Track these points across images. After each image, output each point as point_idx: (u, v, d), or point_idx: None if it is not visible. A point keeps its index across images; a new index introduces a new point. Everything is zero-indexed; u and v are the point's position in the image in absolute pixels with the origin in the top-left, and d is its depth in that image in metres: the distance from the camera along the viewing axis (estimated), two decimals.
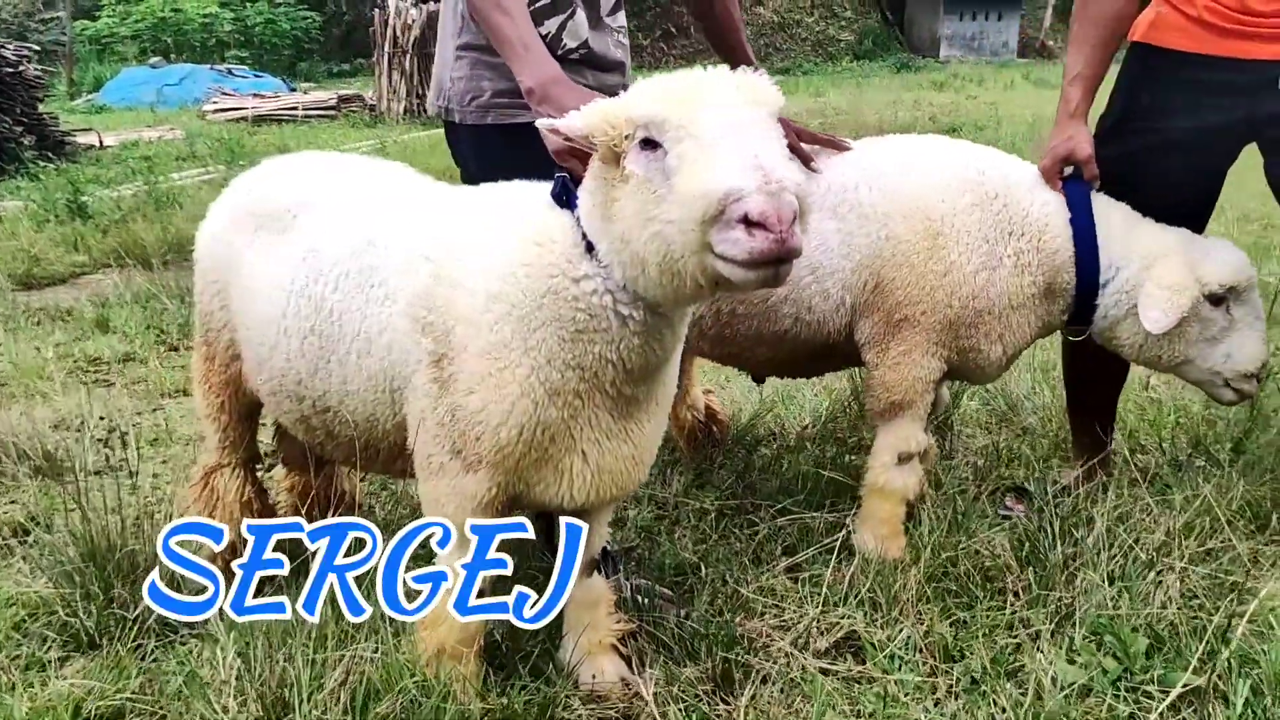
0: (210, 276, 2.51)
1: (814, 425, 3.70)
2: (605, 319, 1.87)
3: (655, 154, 1.66)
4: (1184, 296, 2.58)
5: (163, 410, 4.19)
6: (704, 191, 1.56)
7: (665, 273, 1.68)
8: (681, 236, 1.61)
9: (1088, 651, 2.27)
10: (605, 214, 1.77)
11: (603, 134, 1.72)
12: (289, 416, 2.35)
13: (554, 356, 1.92)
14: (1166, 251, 2.64)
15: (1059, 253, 2.69)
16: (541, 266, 1.90)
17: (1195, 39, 2.61)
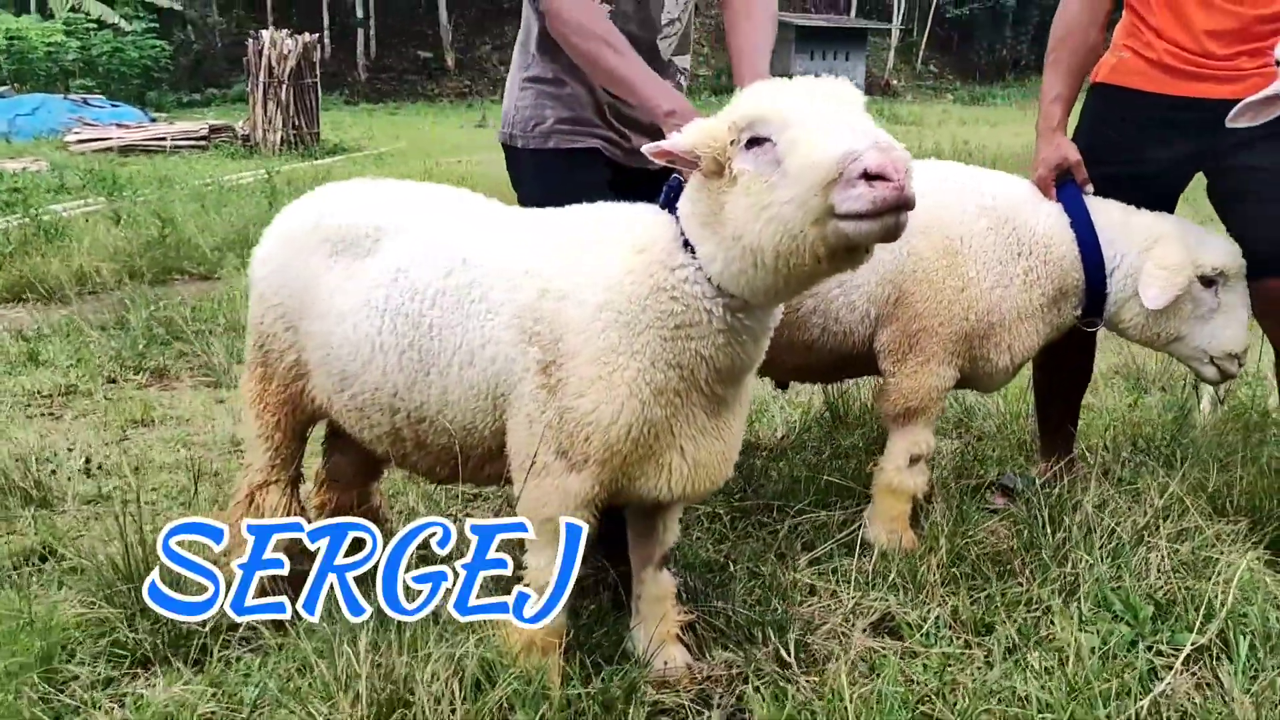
0: (273, 301, 2.56)
1: (790, 436, 3.93)
2: (698, 311, 2.06)
3: (763, 148, 1.87)
4: (1180, 276, 2.87)
5: (128, 440, 4.12)
6: (821, 158, 1.76)
7: (783, 254, 1.86)
8: (800, 210, 1.80)
9: (1101, 620, 2.55)
10: (712, 221, 1.97)
11: (707, 146, 1.93)
12: (376, 430, 2.43)
13: (657, 357, 2.09)
14: (1164, 236, 2.94)
15: (1065, 258, 2.98)
16: (644, 269, 2.09)
17: (1155, 81, 2.98)
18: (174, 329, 5.64)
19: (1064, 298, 3.04)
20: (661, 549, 2.48)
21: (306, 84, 16.51)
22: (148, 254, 7.64)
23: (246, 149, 16.21)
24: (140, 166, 14.02)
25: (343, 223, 2.46)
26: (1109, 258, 2.98)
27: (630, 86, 2.46)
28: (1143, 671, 2.36)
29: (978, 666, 2.43)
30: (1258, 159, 2.88)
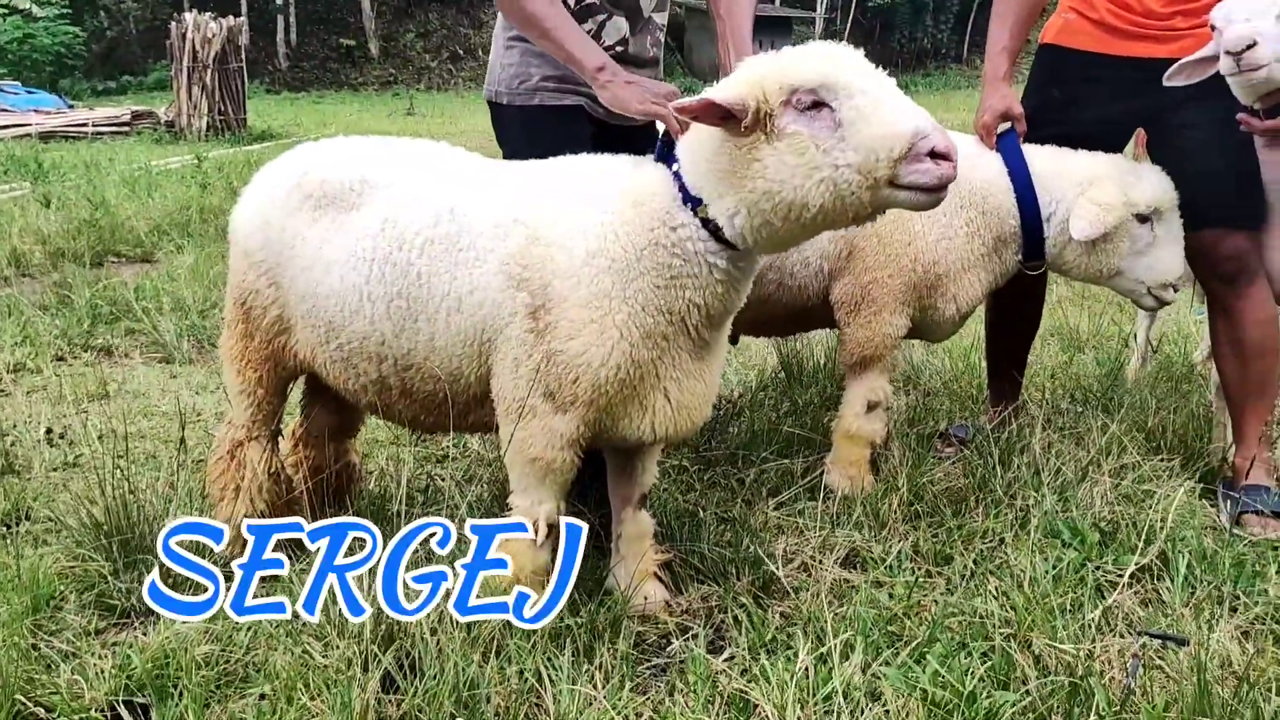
0: (256, 258, 2.59)
1: (747, 394, 4.06)
2: (697, 264, 2.18)
3: (820, 113, 1.99)
4: (1111, 215, 3.00)
5: (87, 413, 4.10)
6: (897, 133, 1.95)
7: (826, 212, 2.02)
8: (861, 175, 1.97)
9: (1051, 548, 2.72)
10: (737, 175, 2.07)
11: (755, 101, 2.01)
12: (362, 379, 2.49)
13: (649, 303, 2.20)
14: (1100, 176, 3.06)
15: (1002, 207, 3.11)
16: (641, 222, 2.19)
17: (1098, 40, 3.15)
18: (120, 308, 5.59)
19: (1004, 245, 3.18)
20: (640, 489, 2.58)
21: (231, 68, 16.22)
22: (81, 237, 7.53)
23: (171, 134, 15.89)
24: (63, 153, 13.67)
25: (327, 178, 2.51)
26: (1046, 203, 3.11)
27: (559, 43, 2.54)
28: (1091, 589, 2.53)
29: (940, 593, 2.58)
30: (1193, 117, 3.06)
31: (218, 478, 2.77)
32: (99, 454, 3.36)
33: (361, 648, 2.13)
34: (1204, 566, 2.62)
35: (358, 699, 2.00)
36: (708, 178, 2.13)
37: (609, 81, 2.47)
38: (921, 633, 2.31)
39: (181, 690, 2.12)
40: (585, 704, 2.03)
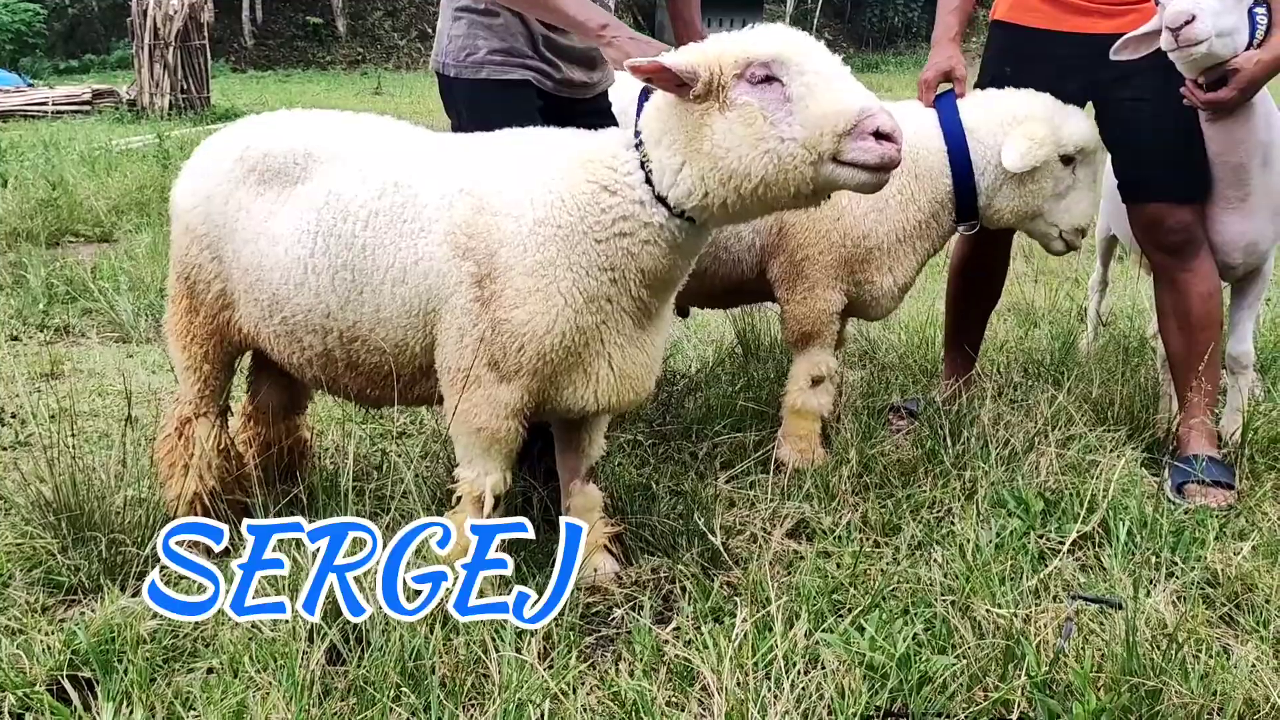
0: (199, 232, 2.58)
1: (704, 370, 4.09)
2: (632, 204, 2.21)
3: (770, 86, 2.05)
4: (1043, 150, 3.02)
5: (40, 393, 4.06)
6: (843, 109, 2.02)
7: (768, 184, 2.07)
8: (805, 149, 2.03)
9: (996, 517, 2.76)
10: (686, 141, 2.11)
11: (709, 71, 2.06)
12: (309, 352, 2.48)
13: (591, 264, 2.23)
14: (1032, 113, 3.08)
15: (934, 168, 3.11)
16: (586, 176, 2.22)
17: (1045, 17, 3.19)
18: (76, 287, 5.54)
19: (941, 208, 3.17)
20: (588, 461, 2.60)
21: (194, 46, 16.00)
22: (38, 217, 7.42)
23: (133, 113, 15.67)
24: (21, 131, 13.47)
25: (270, 150, 2.50)
26: (979, 155, 3.10)
27: (558, 7, 2.53)
28: (1034, 556, 2.57)
29: (886, 562, 2.61)
30: (1137, 90, 3.10)
31: (166, 454, 2.75)
32: (49, 433, 3.35)
33: (306, 621, 2.13)
34: (1144, 534, 2.67)
35: (302, 671, 2.01)
36: (661, 140, 2.17)
37: (614, 38, 2.46)
38: (864, 600, 2.34)
39: (126, 665, 2.12)
40: (529, 673, 2.05)
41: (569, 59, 2.81)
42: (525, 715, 1.93)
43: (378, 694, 1.99)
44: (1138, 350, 4.06)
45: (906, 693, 1.95)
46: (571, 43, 2.78)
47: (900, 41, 45.31)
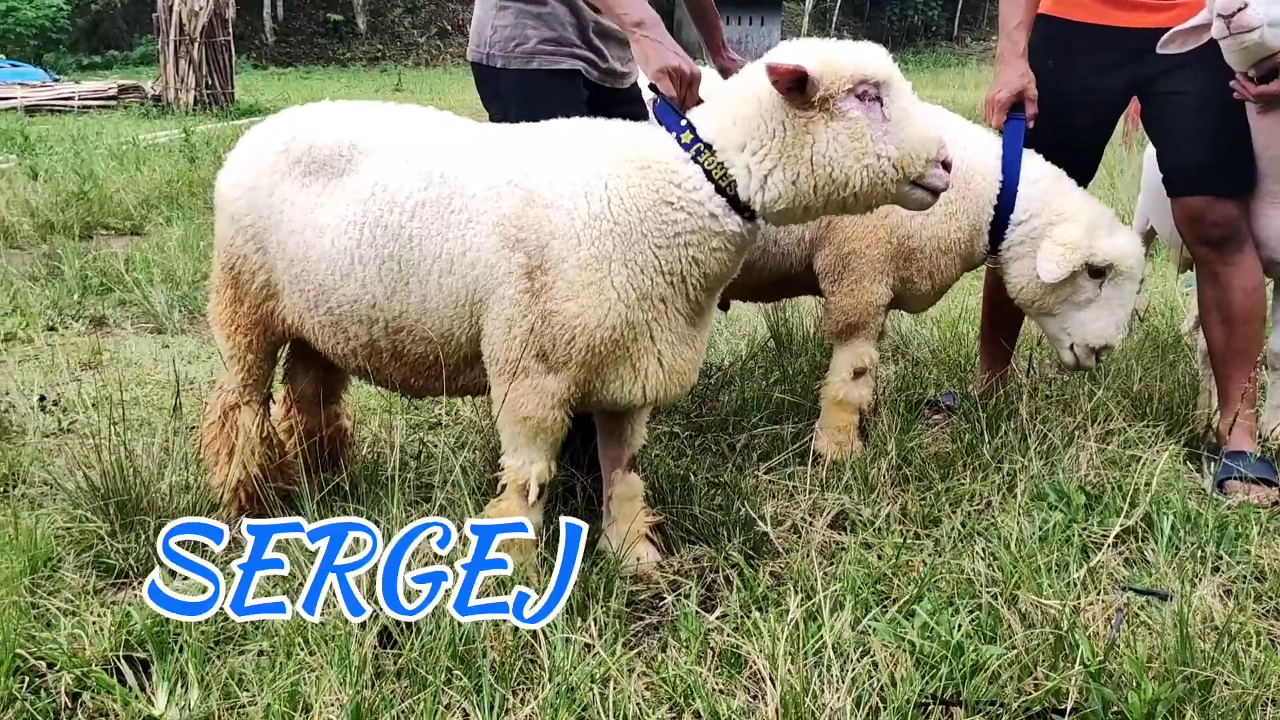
0: (244, 223, 2.59)
1: (737, 364, 4.09)
2: (702, 218, 2.24)
3: (871, 104, 2.20)
4: (1076, 254, 3.03)
5: (80, 381, 4.10)
6: (933, 138, 2.26)
7: (859, 194, 2.24)
8: (897, 170, 2.22)
9: (1038, 510, 2.76)
10: (782, 147, 2.21)
11: (832, 80, 2.16)
12: (354, 342, 2.50)
13: (648, 264, 2.25)
14: (1074, 215, 3.08)
15: (983, 195, 3.14)
16: (648, 183, 2.24)
17: (1093, 11, 3.17)
18: (111, 278, 5.59)
19: (979, 234, 3.20)
20: (630, 451, 2.61)
21: (219, 42, 16.10)
22: (70, 209, 7.50)
23: (159, 109, 15.78)
24: (49, 126, 13.59)
25: (315, 142, 2.50)
26: (1022, 210, 3.13)
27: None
28: (1077, 550, 2.57)
29: (928, 554, 2.61)
30: (1183, 84, 3.09)
31: (211, 441, 2.78)
32: (94, 420, 3.39)
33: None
34: (1187, 528, 2.66)
35: (356, 653, 2.03)
36: (745, 146, 2.24)
37: (643, 37, 2.46)
38: (910, 591, 2.34)
39: (182, 645, 2.14)
40: (579, 658, 2.06)
41: (616, 44, 2.82)
42: (577, 698, 1.94)
43: (431, 676, 2.01)
44: (1173, 346, 4.04)
45: (958, 681, 1.95)
46: (617, 29, 2.78)
47: (919, 40, 45.16)
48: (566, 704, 1.94)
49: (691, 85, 2.39)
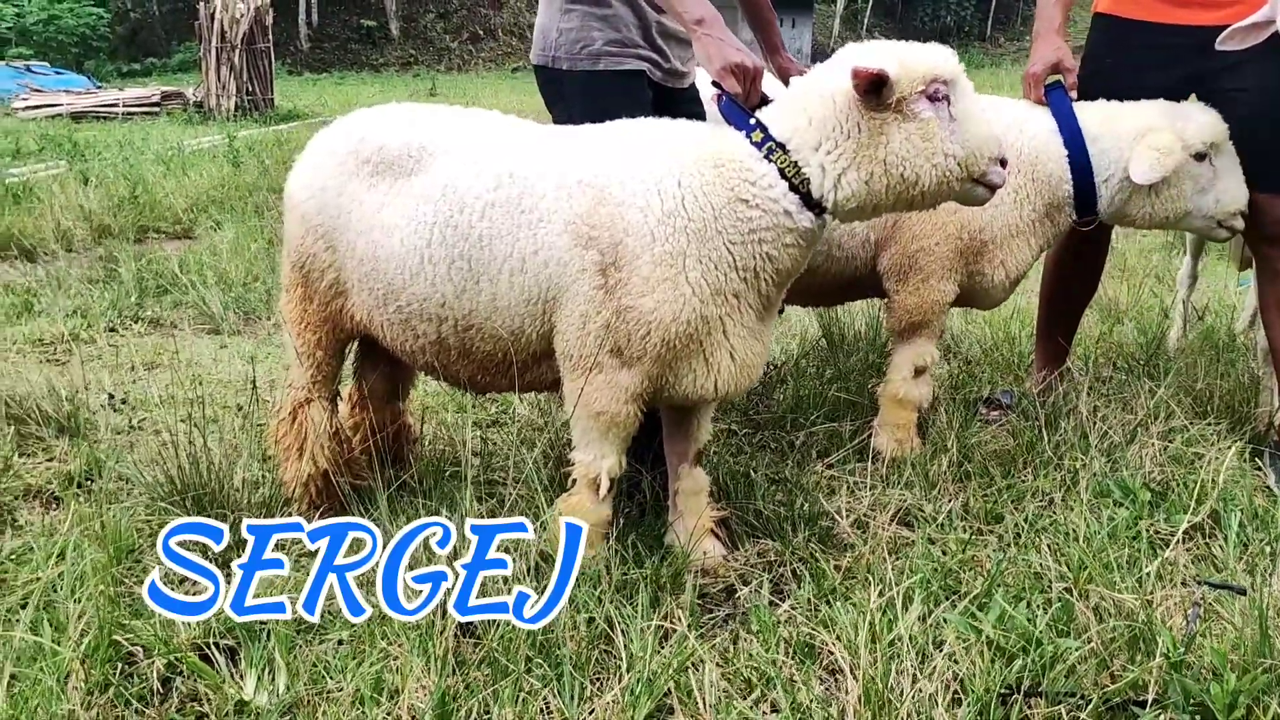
0: (313, 223, 2.64)
1: (789, 363, 4.11)
2: (777, 215, 2.29)
3: (940, 104, 2.27)
4: (1170, 158, 3.01)
5: (143, 381, 4.19)
6: (995, 138, 2.35)
7: (926, 191, 2.31)
8: (963, 168, 2.30)
9: (1104, 506, 2.77)
10: (858, 147, 2.27)
11: (908, 82, 2.22)
12: (422, 340, 2.54)
13: (722, 260, 2.29)
14: (1151, 124, 3.07)
15: (1053, 175, 3.12)
16: (723, 181, 2.29)
17: (1150, 9, 3.18)
18: (166, 281, 5.69)
19: (1057, 210, 3.19)
20: (696, 445, 2.64)
21: (259, 49, 16.30)
22: (121, 214, 7.63)
23: (200, 115, 16.00)
24: (95, 132, 13.81)
25: (385, 143, 2.55)
26: (1103, 166, 3.11)
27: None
28: (1146, 546, 2.57)
29: (993, 550, 2.63)
30: (1243, 81, 3.09)
31: (282, 437, 2.83)
32: (164, 418, 3.47)
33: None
34: (1255, 524, 2.66)
35: (438, 642, 2.07)
36: (820, 146, 2.29)
37: (705, 35, 2.49)
38: (979, 585, 2.36)
39: (269, 632, 2.19)
40: (656, 647, 2.09)
41: (678, 44, 2.86)
42: (657, 687, 1.97)
43: (511, 664, 2.05)
44: (1229, 345, 4.03)
45: (1036, 673, 1.97)
46: (679, 29, 2.81)
47: (952, 40, 44.91)
48: (647, 692, 1.97)
49: (755, 81, 2.43)
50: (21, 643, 2.10)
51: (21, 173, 9.74)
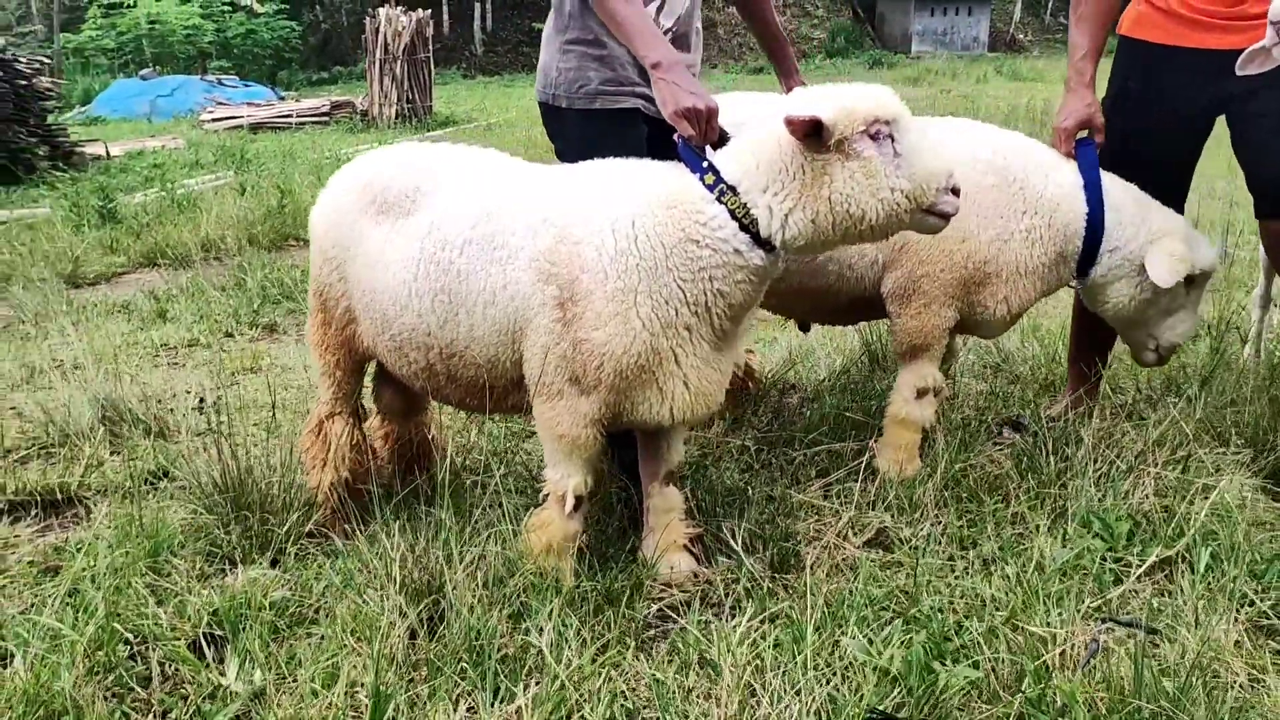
0: (330, 254, 2.93)
1: (829, 379, 4.17)
2: (726, 254, 2.42)
3: (884, 142, 2.37)
4: (1185, 267, 3.11)
5: (238, 385, 4.62)
6: (942, 169, 2.43)
7: (875, 224, 2.41)
8: (909, 200, 2.40)
9: (1079, 536, 2.76)
10: (802, 187, 2.40)
11: (845, 125, 2.34)
12: (414, 365, 2.79)
13: (673, 297, 2.44)
14: (1172, 231, 3.16)
15: (1070, 226, 3.16)
16: (674, 222, 2.44)
17: (1169, 33, 3.12)
18: (285, 289, 6.18)
19: (1064, 261, 3.22)
20: (667, 466, 2.79)
21: (420, 59, 17.12)
22: (267, 222, 8.25)
23: (364, 123, 16.95)
24: (267, 142, 14.84)
25: (387, 184, 2.81)
26: (1116, 238, 3.17)
27: (629, 34, 2.70)
28: (1104, 579, 2.57)
29: (956, 575, 2.67)
30: (1263, 105, 3.00)
31: (308, 449, 3.14)
32: (235, 422, 3.85)
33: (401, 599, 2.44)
34: (1232, 560, 2.60)
35: (388, 644, 2.31)
36: (768, 189, 2.42)
37: (660, 79, 2.63)
38: (926, 610, 2.42)
39: (252, 627, 2.48)
40: (591, 657, 2.26)
41: None
42: (561, 695, 2.15)
43: (445, 667, 2.26)
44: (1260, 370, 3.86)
45: (915, 701, 2.04)
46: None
47: None
48: (556, 699, 2.15)
49: (710, 121, 2.55)
50: (44, 626, 2.45)
51: (192, 184, 10.65)
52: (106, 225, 8.33)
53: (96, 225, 8.32)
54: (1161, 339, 3.32)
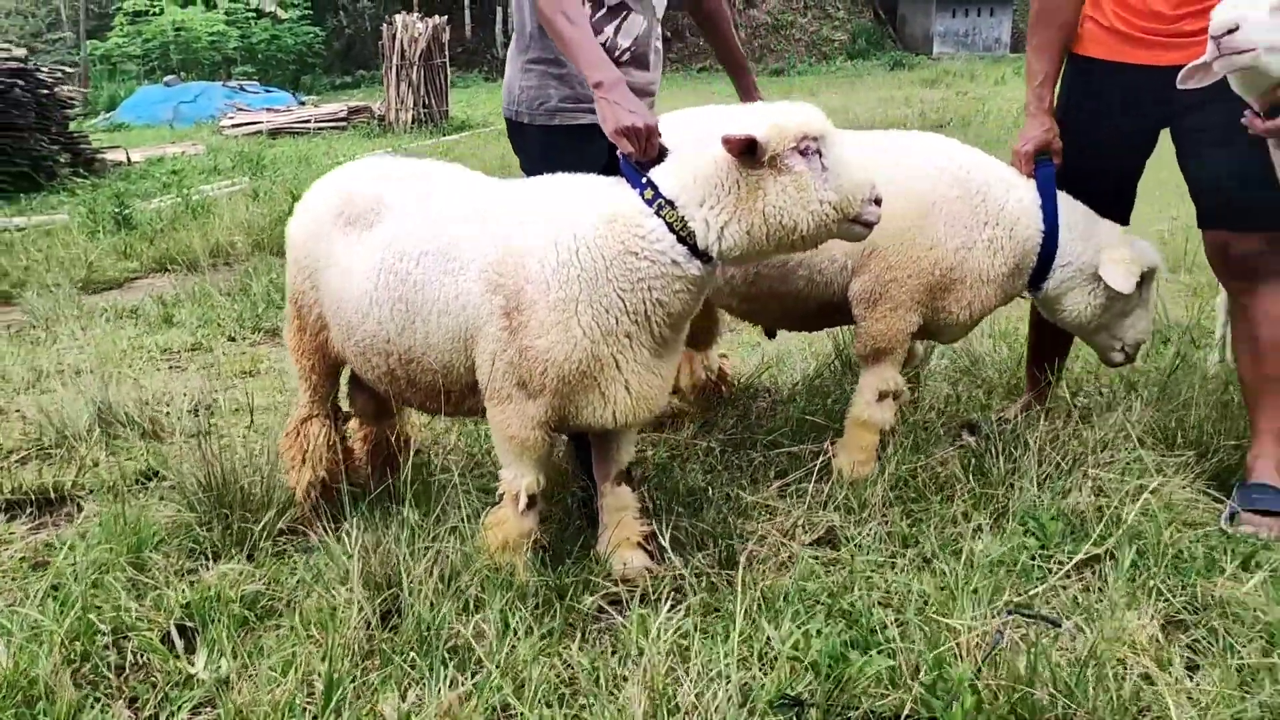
0: (304, 263, 3.09)
1: (802, 383, 4.29)
2: (664, 265, 2.56)
3: (812, 158, 2.52)
4: (1137, 269, 3.28)
5: (235, 389, 4.79)
6: (867, 181, 2.59)
7: (806, 235, 2.56)
8: (836, 211, 2.55)
9: (1015, 534, 2.87)
10: (737, 200, 2.53)
11: (777, 142, 2.48)
12: (377, 370, 2.94)
13: (613, 306, 2.58)
14: (1117, 242, 3.33)
15: (1029, 240, 3.32)
16: (614, 235, 2.58)
17: (1113, 49, 3.22)
18: None
19: (1020, 273, 3.37)
20: (617, 466, 2.93)
21: (436, 64, 17.35)
22: (277, 228, 8.43)
23: (381, 128, 17.19)
24: (285, 148, 15.10)
25: (355, 197, 2.97)
26: (1069, 253, 3.33)
27: (573, 54, 2.82)
28: (1032, 575, 2.68)
29: (897, 571, 2.79)
30: (1203, 120, 3.09)
31: (288, 449, 3.30)
32: (226, 424, 4.02)
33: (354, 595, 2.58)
34: (1157, 558, 2.71)
35: (341, 634, 2.45)
36: (704, 202, 2.55)
37: (602, 98, 2.75)
38: (855, 604, 2.54)
39: (220, 619, 2.63)
40: (509, 650, 2.40)
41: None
42: (499, 684, 2.28)
43: (397, 656, 2.41)
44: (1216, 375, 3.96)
45: (824, 688, 2.16)
46: (633, 78, 3.00)
47: None
48: (493, 688, 2.28)
49: (650, 138, 2.68)
50: (25, 617, 2.61)
51: (208, 190, 10.89)
52: (121, 231, 8.57)
53: (111, 231, 8.56)
54: (1125, 338, 3.46)
